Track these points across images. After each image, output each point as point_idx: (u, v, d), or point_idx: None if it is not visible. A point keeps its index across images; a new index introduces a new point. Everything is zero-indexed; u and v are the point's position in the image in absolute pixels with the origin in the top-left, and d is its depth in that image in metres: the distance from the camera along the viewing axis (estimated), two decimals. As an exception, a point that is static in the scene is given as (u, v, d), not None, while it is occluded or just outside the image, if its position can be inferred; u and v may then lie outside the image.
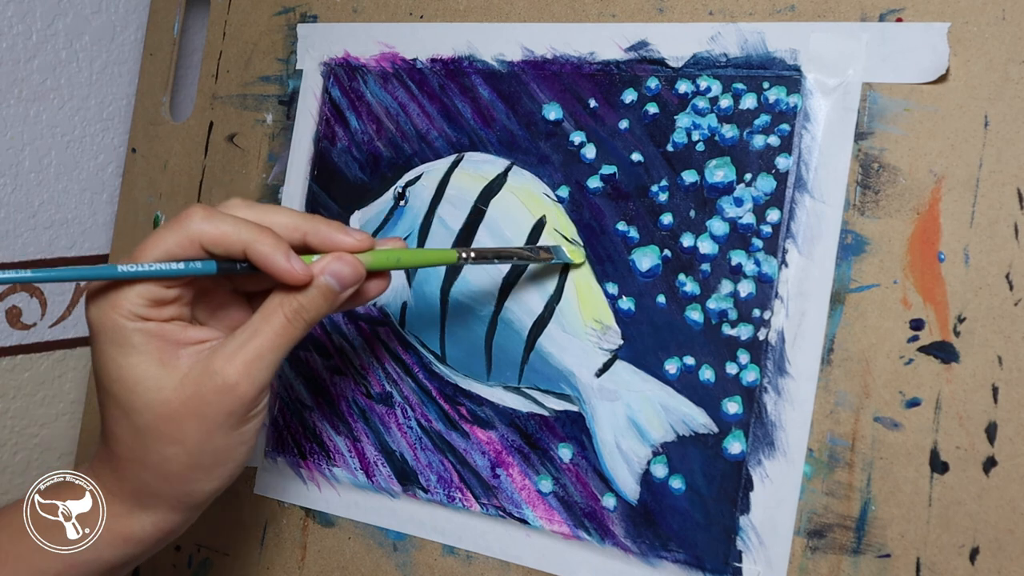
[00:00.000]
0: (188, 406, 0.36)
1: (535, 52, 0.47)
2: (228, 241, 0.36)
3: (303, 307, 0.37)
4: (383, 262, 0.39)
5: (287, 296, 0.37)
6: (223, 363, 0.36)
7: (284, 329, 0.37)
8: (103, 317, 0.36)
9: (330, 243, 0.38)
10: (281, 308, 0.37)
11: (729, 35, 0.42)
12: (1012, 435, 0.36)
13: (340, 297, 0.38)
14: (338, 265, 0.37)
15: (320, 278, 0.37)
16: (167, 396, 0.36)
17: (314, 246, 0.38)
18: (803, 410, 0.39)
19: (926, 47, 0.38)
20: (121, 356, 0.36)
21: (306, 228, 0.38)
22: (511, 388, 0.46)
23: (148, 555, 0.40)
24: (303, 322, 0.37)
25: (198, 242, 0.36)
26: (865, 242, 0.39)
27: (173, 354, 0.36)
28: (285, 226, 0.38)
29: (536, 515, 0.44)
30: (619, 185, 0.44)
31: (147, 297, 0.36)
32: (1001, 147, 0.37)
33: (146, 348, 0.36)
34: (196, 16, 0.63)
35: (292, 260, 0.36)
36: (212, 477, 0.38)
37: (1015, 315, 0.36)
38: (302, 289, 0.37)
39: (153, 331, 0.36)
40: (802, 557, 0.39)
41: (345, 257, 0.38)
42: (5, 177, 0.59)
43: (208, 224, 0.36)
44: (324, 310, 0.38)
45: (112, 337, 0.36)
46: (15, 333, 0.61)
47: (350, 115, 0.51)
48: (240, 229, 0.36)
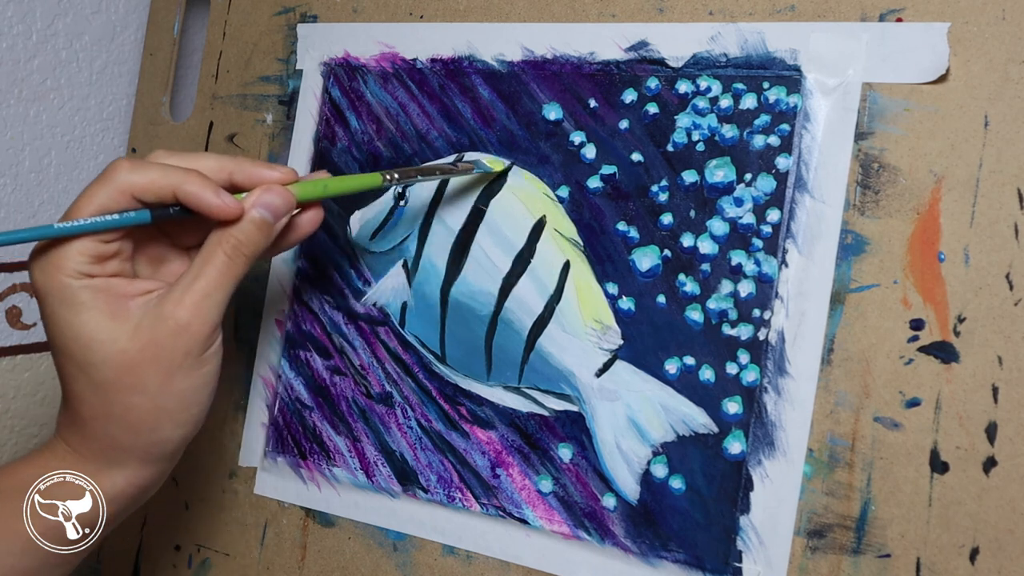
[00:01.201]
0: (145, 353, 0.37)
1: (535, 52, 0.47)
2: (157, 187, 0.37)
3: (240, 242, 0.38)
4: (310, 191, 0.40)
5: (224, 234, 0.38)
6: (173, 307, 0.37)
7: (226, 266, 0.38)
8: (48, 279, 0.37)
9: (256, 178, 0.39)
10: (220, 247, 0.38)
11: (729, 35, 0.42)
12: (1012, 435, 0.36)
13: (275, 228, 0.39)
14: (268, 196, 0.39)
15: (252, 211, 0.38)
16: (123, 347, 0.37)
17: (241, 184, 0.39)
18: (803, 410, 0.39)
19: (926, 47, 0.38)
20: (72, 315, 0.37)
21: (231, 167, 0.39)
22: (511, 388, 0.46)
23: (125, 514, 0.41)
24: (243, 257, 0.38)
25: (128, 192, 0.37)
26: (865, 242, 0.39)
27: (122, 306, 0.37)
28: (211, 168, 0.39)
29: (536, 515, 0.44)
30: (619, 185, 0.44)
31: (88, 254, 0.37)
32: (1001, 147, 0.37)
33: (95, 304, 0.37)
34: (196, 16, 0.63)
35: (222, 195, 0.37)
36: (178, 423, 0.39)
37: (1015, 315, 0.36)
38: (237, 227, 0.38)
39: (99, 286, 0.37)
40: (802, 557, 0.39)
41: (274, 188, 0.39)
42: (5, 177, 0.59)
43: (135, 174, 0.37)
44: (261, 243, 0.39)
45: (60, 297, 0.37)
46: (15, 333, 0.61)
47: (350, 115, 0.51)
48: (168, 174, 0.37)
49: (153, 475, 0.40)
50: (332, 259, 0.51)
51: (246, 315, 0.54)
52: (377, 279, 0.50)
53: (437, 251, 0.48)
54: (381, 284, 0.49)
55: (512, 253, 0.46)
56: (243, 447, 0.53)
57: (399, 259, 0.49)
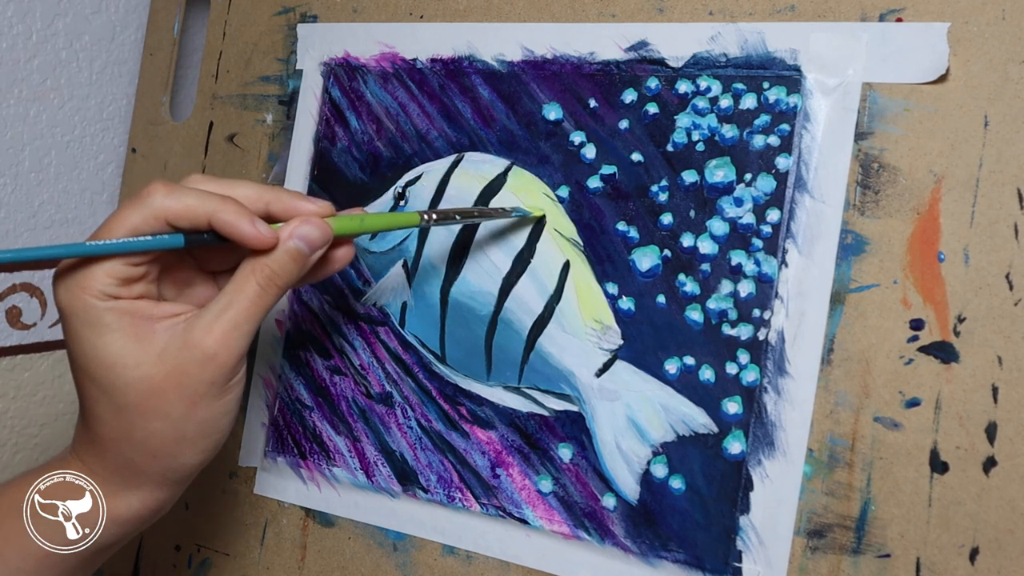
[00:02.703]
0: (170, 380, 0.36)
1: (535, 52, 0.47)
2: (193, 214, 0.36)
3: (275, 273, 0.38)
4: (347, 226, 0.40)
5: (258, 263, 0.38)
6: (201, 335, 0.36)
7: (258, 296, 0.37)
8: (73, 299, 0.36)
9: (293, 210, 0.39)
10: (253, 276, 0.37)
11: (729, 35, 0.42)
12: (1012, 435, 0.36)
13: (309, 260, 0.38)
14: (306, 228, 0.38)
15: (289, 242, 0.38)
16: (147, 372, 0.36)
17: (277, 214, 0.39)
18: (803, 410, 0.39)
19: (926, 47, 0.38)
20: (96, 336, 0.36)
21: (268, 197, 0.39)
22: (511, 388, 0.46)
23: (135, 533, 0.41)
24: (276, 288, 0.38)
25: (163, 218, 0.36)
26: (865, 242, 0.39)
27: (148, 330, 0.37)
28: (247, 197, 0.38)
29: (536, 515, 0.44)
30: (619, 185, 0.44)
31: (115, 276, 0.36)
32: (1001, 147, 0.37)
33: (120, 326, 0.36)
34: (196, 16, 0.63)
35: (257, 225, 0.37)
36: (198, 450, 0.38)
37: (1015, 315, 0.36)
38: (271, 256, 0.37)
39: (125, 309, 0.36)
40: (802, 557, 0.39)
41: (312, 220, 0.38)
42: (5, 177, 0.59)
43: (171, 199, 0.36)
44: (295, 275, 0.38)
45: (85, 318, 0.36)
46: (15, 333, 0.61)
47: (350, 115, 0.51)
48: (204, 201, 0.37)
49: (166, 497, 0.40)
50: (332, 259, 0.51)
51: (246, 315, 0.54)
52: (377, 279, 0.50)
53: (437, 251, 0.48)
54: (381, 284, 0.49)
55: (512, 253, 0.46)
56: (243, 447, 0.53)
57: (399, 259, 0.49)
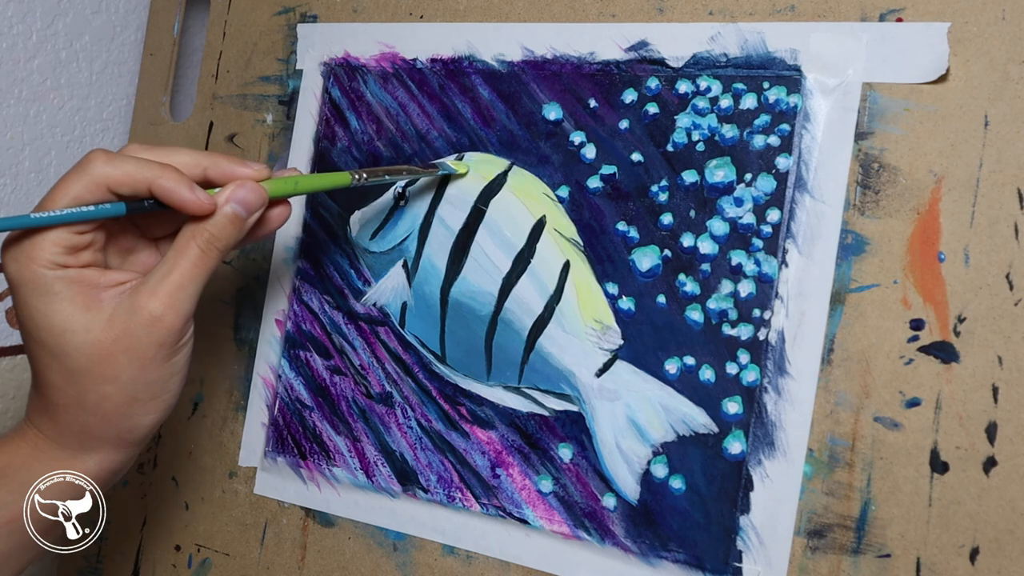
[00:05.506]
0: (119, 344, 0.37)
1: (535, 52, 0.47)
2: (133, 180, 0.37)
3: (214, 236, 0.39)
4: (282, 188, 0.41)
5: (198, 228, 0.39)
6: (147, 298, 0.38)
7: (199, 259, 0.39)
8: (22, 269, 0.37)
9: (230, 174, 0.40)
10: (194, 240, 0.39)
11: (729, 35, 0.42)
12: (1012, 435, 0.36)
13: (247, 223, 0.40)
14: (242, 192, 0.39)
15: (226, 207, 0.39)
16: (97, 337, 0.37)
17: (214, 179, 0.40)
18: (803, 410, 0.39)
19: (926, 47, 0.38)
20: (45, 305, 0.37)
21: (206, 163, 0.40)
22: (511, 388, 0.46)
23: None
24: (216, 250, 0.39)
25: (104, 185, 0.37)
26: (865, 242, 0.39)
27: (95, 297, 0.38)
28: (186, 163, 0.40)
29: (536, 515, 0.44)
30: (619, 185, 0.44)
31: (62, 245, 0.37)
32: (1001, 147, 0.37)
33: (68, 294, 0.37)
34: (196, 16, 0.63)
35: (196, 191, 0.38)
36: (149, 410, 0.40)
37: (1015, 315, 0.36)
38: (211, 221, 0.39)
39: (73, 277, 0.38)
40: (802, 557, 0.39)
41: (247, 184, 0.40)
42: (5, 177, 0.59)
43: (111, 167, 0.37)
44: (234, 237, 0.39)
45: (34, 288, 0.37)
46: (15, 333, 0.61)
47: (350, 115, 0.51)
48: (143, 168, 0.38)
49: (124, 459, 0.41)
50: (332, 259, 0.51)
51: (246, 315, 0.54)
52: (377, 279, 0.50)
53: (437, 251, 0.48)
54: (381, 284, 0.49)
55: (512, 253, 0.46)
56: (243, 447, 0.53)
57: (399, 259, 0.49)
